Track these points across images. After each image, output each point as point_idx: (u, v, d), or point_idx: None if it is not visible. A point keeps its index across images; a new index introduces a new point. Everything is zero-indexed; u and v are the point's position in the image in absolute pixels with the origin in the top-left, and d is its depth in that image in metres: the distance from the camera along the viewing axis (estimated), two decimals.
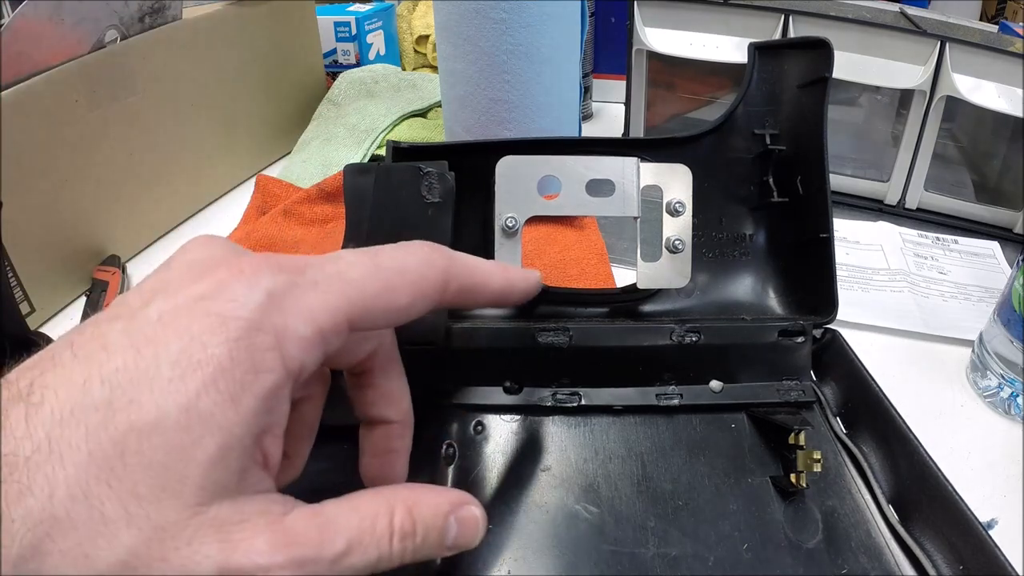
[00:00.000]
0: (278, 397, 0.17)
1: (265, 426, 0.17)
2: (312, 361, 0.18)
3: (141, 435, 0.15)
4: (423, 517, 0.18)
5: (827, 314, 0.33)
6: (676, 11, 0.58)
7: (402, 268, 0.20)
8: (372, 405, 0.23)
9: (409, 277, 0.20)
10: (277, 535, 0.16)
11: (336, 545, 0.17)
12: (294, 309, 0.17)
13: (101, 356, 0.16)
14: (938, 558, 0.25)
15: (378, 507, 0.18)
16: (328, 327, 0.18)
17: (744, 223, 0.36)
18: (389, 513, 0.18)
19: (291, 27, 0.66)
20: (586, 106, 0.76)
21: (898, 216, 0.57)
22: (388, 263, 0.20)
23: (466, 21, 0.49)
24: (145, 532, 0.15)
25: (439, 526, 0.19)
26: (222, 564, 0.15)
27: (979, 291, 0.48)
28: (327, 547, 0.16)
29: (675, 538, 0.27)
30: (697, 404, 0.32)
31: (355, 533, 0.17)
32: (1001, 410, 0.38)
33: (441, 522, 0.19)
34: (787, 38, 0.53)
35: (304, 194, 0.54)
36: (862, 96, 0.64)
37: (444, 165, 0.30)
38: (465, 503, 0.20)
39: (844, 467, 0.30)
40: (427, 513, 0.18)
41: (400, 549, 0.18)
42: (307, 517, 0.17)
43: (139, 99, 0.49)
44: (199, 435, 0.15)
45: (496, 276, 0.23)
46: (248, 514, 0.16)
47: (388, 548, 0.17)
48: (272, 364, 0.16)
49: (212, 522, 0.15)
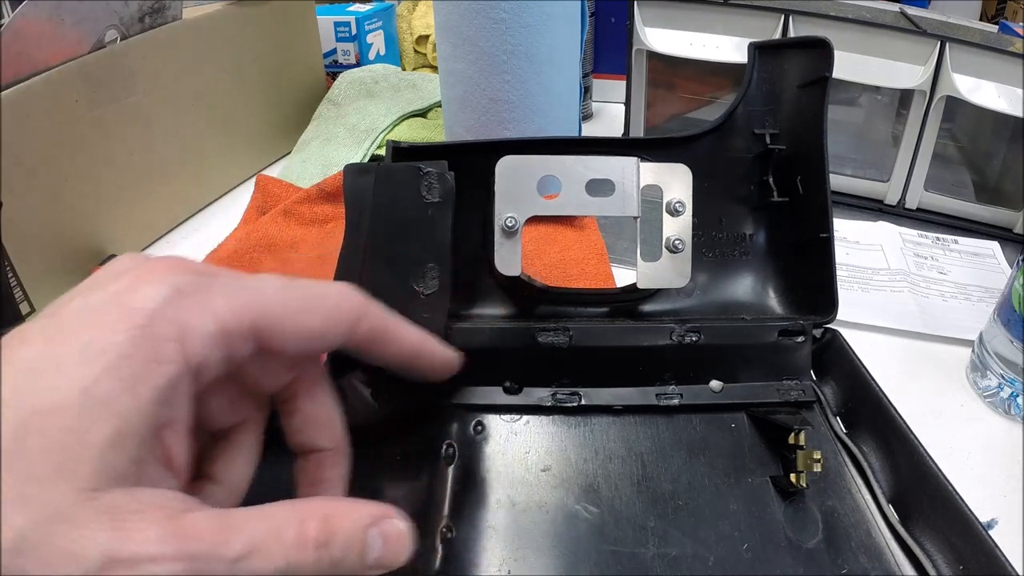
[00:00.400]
0: (178, 390, 0.17)
1: (165, 419, 0.17)
2: (215, 359, 0.18)
3: (42, 418, 0.15)
4: (341, 529, 0.17)
5: (827, 314, 0.33)
6: (676, 11, 0.58)
7: (317, 294, 0.20)
8: (299, 432, 0.22)
9: (323, 302, 0.20)
10: (172, 528, 0.15)
11: (235, 547, 0.16)
12: (199, 306, 0.18)
13: (19, 349, 0.16)
14: (938, 558, 0.25)
15: (289, 515, 0.17)
16: (232, 328, 0.18)
17: (744, 223, 0.36)
18: (301, 521, 0.17)
19: (291, 27, 0.66)
20: (586, 106, 0.76)
21: (898, 216, 0.57)
22: (304, 285, 0.20)
23: (466, 21, 0.49)
24: (36, 515, 0.15)
25: (359, 539, 0.18)
26: (109, 551, 0.15)
27: (979, 291, 0.48)
28: (225, 547, 0.16)
29: (675, 538, 0.27)
30: (697, 404, 0.32)
31: (259, 537, 0.16)
32: (1001, 410, 0.38)
33: (361, 535, 0.18)
34: (787, 38, 0.53)
35: (304, 194, 0.54)
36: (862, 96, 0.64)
37: (444, 165, 0.30)
38: (388, 516, 0.18)
39: (844, 467, 0.30)
40: (345, 525, 0.18)
41: (314, 560, 0.17)
42: (209, 516, 0.16)
43: (139, 99, 0.49)
44: (95, 419, 0.15)
45: (412, 333, 0.23)
46: (145, 504, 0.16)
47: (298, 557, 0.17)
48: (172, 355, 0.17)
49: (105, 508, 0.15)
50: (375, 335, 0.22)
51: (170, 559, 0.15)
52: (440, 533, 0.26)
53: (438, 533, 0.26)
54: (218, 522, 0.16)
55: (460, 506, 0.27)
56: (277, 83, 0.65)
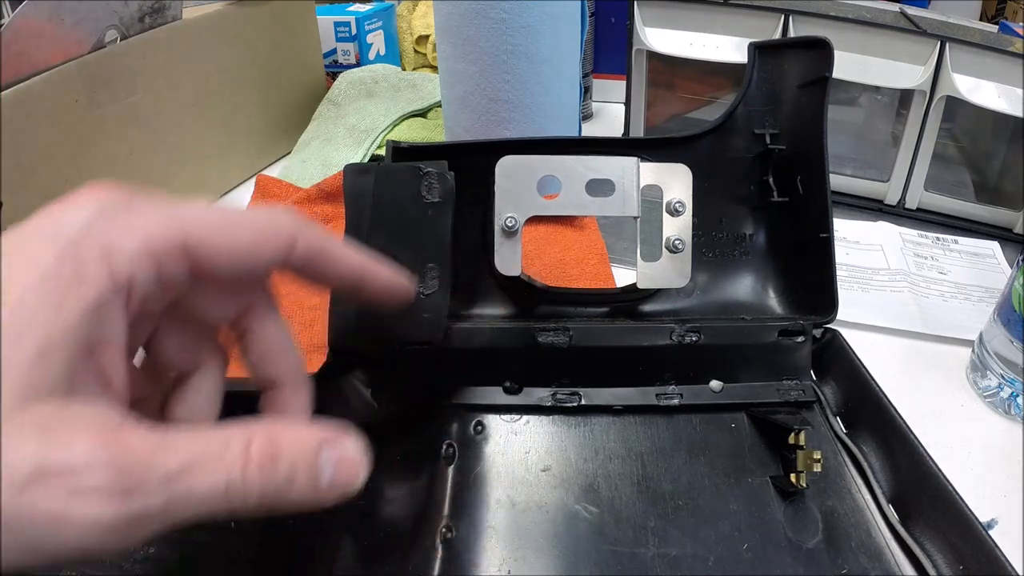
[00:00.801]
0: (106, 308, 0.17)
1: (95, 337, 0.17)
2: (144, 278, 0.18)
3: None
4: (288, 449, 0.17)
5: (827, 314, 0.33)
6: (676, 11, 0.58)
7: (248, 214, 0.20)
8: (254, 366, 0.22)
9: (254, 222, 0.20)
10: (103, 438, 0.15)
11: (171, 462, 0.15)
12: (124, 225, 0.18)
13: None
14: (938, 558, 0.25)
15: (232, 433, 0.16)
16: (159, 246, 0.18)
17: (744, 223, 0.36)
18: (245, 440, 0.16)
19: (291, 27, 0.66)
20: (586, 106, 0.76)
21: (898, 216, 0.57)
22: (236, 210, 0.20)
23: (466, 21, 0.49)
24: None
25: (308, 462, 0.17)
26: (39, 463, 0.14)
27: (979, 291, 0.48)
28: (161, 462, 0.15)
29: (675, 538, 0.27)
30: (697, 404, 0.32)
31: (198, 454, 0.16)
32: (1001, 410, 0.38)
33: (311, 458, 0.17)
34: (787, 38, 0.53)
35: (304, 194, 0.54)
36: (862, 96, 0.64)
37: (444, 165, 0.30)
38: (339, 438, 0.18)
39: (844, 467, 0.30)
40: (293, 445, 0.17)
41: (259, 481, 0.16)
42: (145, 432, 0.16)
43: (139, 99, 0.49)
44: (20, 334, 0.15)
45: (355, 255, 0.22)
46: (77, 416, 0.16)
47: (240, 476, 0.16)
48: (97, 274, 0.17)
49: (34, 420, 0.15)
50: (313, 255, 0.21)
51: (100, 469, 0.15)
52: (440, 533, 0.26)
53: (438, 533, 0.26)
54: (156, 437, 0.16)
55: (460, 506, 0.27)
56: (277, 83, 0.65)
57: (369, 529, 0.27)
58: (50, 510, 0.14)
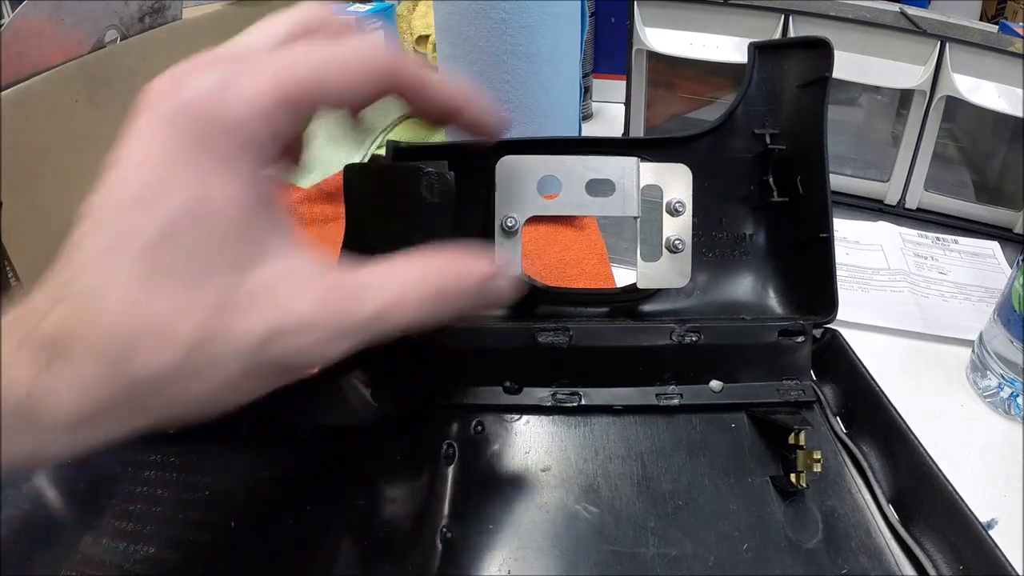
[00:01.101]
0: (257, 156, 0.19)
1: (263, 199, 0.19)
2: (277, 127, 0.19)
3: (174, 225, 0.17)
4: (464, 283, 0.21)
5: (827, 314, 0.33)
6: (676, 11, 0.58)
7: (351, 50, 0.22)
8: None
9: (360, 58, 0.21)
10: (319, 295, 0.18)
11: (371, 305, 0.19)
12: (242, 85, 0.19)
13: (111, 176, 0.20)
14: (938, 558, 0.25)
15: (416, 273, 0.20)
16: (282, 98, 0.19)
17: (744, 223, 0.36)
18: (429, 278, 0.20)
19: None
20: (586, 106, 0.76)
21: (898, 216, 0.57)
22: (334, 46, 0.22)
23: (466, 21, 0.49)
24: (201, 312, 0.17)
25: (479, 291, 0.21)
26: (271, 325, 0.17)
27: (979, 291, 0.48)
28: (363, 306, 0.19)
29: (675, 538, 0.27)
30: (697, 404, 0.32)
31: (391, 296, 0.19)
32: (1001, 410, 0.38)
33: (480, 288, 0.21)
34: (787, 38, 0.53)
35: (304, 194, 0.54)
36: (862, 96, 0.64)
37: (444, 165, 0.30)
38: (503, 272, 0.22)
39: (844, 467, 0.30)
40: (469, 280, 0.21)
41: (440, 310, 0.20)
42: (342, 280, 0.19)
43: None
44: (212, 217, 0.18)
45: (449, 84, 0.24)
46: (286, 276, 0.18)
47: (426, 310, 0.20)
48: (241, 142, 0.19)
49: (254, 290, 0.18)
50: (415, 83, 0.23)
51: (323, 326, 0.18)
52: (440, 533, 0.26)
53: (438, 533, 0.26)
54: (356, 282, 0.19)
55: (460, 506, 0.27)
56: None
57: (369, 529, 0.27)
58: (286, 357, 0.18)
